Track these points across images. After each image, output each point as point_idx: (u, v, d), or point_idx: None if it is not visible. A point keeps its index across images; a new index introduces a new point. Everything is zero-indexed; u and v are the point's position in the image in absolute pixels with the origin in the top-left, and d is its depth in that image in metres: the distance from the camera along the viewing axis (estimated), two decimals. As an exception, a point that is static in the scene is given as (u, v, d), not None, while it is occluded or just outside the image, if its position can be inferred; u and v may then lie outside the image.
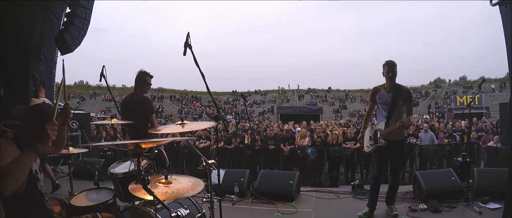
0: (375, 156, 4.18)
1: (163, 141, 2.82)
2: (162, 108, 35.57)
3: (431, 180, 4.77)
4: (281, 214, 4.46)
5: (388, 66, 3.95)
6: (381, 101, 4.06)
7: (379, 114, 4.15)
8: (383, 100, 4.05)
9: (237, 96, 39.97)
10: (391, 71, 3.94)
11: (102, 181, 4.58)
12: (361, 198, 5.10)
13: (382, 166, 4.20)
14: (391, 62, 3.97)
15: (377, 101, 4.10)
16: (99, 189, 3.21)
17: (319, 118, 25.81)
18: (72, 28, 7.83)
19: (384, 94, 4.05)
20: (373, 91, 4.15)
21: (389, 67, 3.95)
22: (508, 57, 5.56)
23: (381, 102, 4.07)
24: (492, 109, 26.72)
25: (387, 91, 4.03)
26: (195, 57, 2.64)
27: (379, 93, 4.08)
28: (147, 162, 2.88)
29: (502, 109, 7.29)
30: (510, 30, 5.23)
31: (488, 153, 6.96)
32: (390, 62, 3.97)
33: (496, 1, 5.43)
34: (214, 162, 2.69)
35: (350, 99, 40.52)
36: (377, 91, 4.10)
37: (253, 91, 44.88)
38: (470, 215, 4.09)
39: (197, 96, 41.87)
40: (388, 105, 4.01)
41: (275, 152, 7.93)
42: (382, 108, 4.07)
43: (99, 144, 6.69)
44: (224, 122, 3.39)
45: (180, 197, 2.29)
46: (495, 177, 4.63)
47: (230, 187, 5.21)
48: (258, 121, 24.68)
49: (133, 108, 4.14)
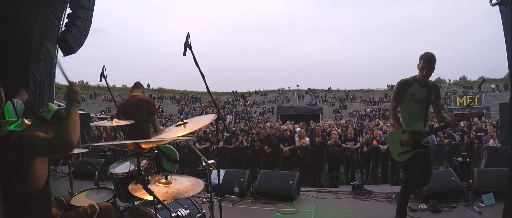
0: (409, 163, 3.51)
1: (163, 141, 2.81)
2: (162, 108, 35.57)
3: (431, 180, 4.75)
4: (281, 214, 4.46)
5: (429, 62, 3.35)
6: (414, 97, 3.45)
7: (407, 112, 3.52)
8: (417, 96, 3.45)
9: (237, 96, 39.99)
10: (432, 69, 3.38)
11: (102, 181, 4.58)
12: (361, 198, 5.10)
13: (418, 171, 3.55)
14: (433, 57, 3.38)
15: (408, 97, 3.46)
16: (99, 189, 3.21)
17: (319, 118, 25.79)
18: (74, 29, 7.84)
19: (418, 88, 3.44)
20: (405, 85, 3.48)
21: (430, 63, 3.36)
22: (508, 57, 5.56)
23: (413, 98, 3.45)
24: (492, 109, 26.72)
25: (421, 86, 3.45)
26: (195, 57, 2.64)
27: (412, 87, 3.44)
28: (147, 162, 2.88)
29: (502, 109, 7.28)
30: (510, 30, 5.24)
31: (488, 153, 6.96)
32: (432, 58, 3.37)
33: (496, 1, 5.44)
34: (214, 162, 2.69)
35: (350, 99, 40.53)
36: (409, 85, 3.46)
37: (253, 91, 44.90)
38: (470, 215, 4.10)
39: (197, 96, 41.88)
40: (422, 103, 3.45)
41: (275, 152, 7.92)
42: (414, 105, 3.47)
43: (99, 144, 6.69)
44: (224, 122, 3.39)
45: (180, 197, 2.29)
46: (495, 177, 4.63)
47: (230, 187, 5.21)
48: (258, 121, 24.70)
49: (135, 108, 4.15)
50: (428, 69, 3.35)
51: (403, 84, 3.49)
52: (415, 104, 3.46)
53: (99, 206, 2.37)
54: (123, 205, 3.04)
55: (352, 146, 7.82)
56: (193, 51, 2.61)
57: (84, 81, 46.32)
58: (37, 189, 1.87)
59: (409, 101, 3.46)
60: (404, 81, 3.50)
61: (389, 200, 4.88)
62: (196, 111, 35.52)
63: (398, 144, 3.49)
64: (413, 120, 3.47)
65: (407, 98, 3.46)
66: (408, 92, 3.45)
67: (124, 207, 2.93)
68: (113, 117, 3.68)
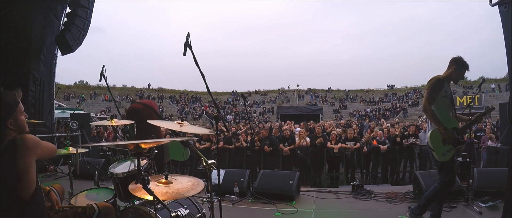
0: (452, 162, 3.44)
1: (163, 141, 2.82)
2: (162, 108, 35.59)
3: (431, 180, 4.76)
4: (281, 214, 4.46)
5: (464, 67, 3.49)
6: (447, 94, 3.47)
7: (441, 109, 3.44)
8: (448, 94, 3.48)
9: (237, 96, 39.99)
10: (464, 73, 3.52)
11: (102, 181, 4.58)
12: (361, 198, 5.10)
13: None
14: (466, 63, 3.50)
15: (442, 94, 3.44)
16: (99, 189, 3.21)
17: (319, 119, 25.81)
18: (73, 28, 7.85)
19: (448, 86, 3.50)
20: (441, 82, 3.44)
21: (464, 67, 3.50)
22: (507, 57, 5.56)
23: (447, 95, 3.46)
24: (492, 109, 26.69)
25: (449, 84, 3.53)
26: (195, 57, 2.64)
27: (445, 85, 3.46)
28: (147, 162, 2.88)
29: (502, 109, 7.28)
30: (509, 30, 5.23)
31: (488, 153, 6.96)
32: (465, 63, 3.50)
33: (496, 1, 5.43)
34: (214, 162, 2.69)
35: (350, 99, 40.53)
36: (443, 82, 3.46)
37: (253, 91, 44.90)
38: (470, 215, 4.10)
39: (197, 96, 41.88)
40: (450, 100, 3.50)
41: (275, 152, 7.92)
42: (446, 103, 3.47)
43: (99, 144, 6.69)
44: (224, 122, 3.40)
45: (180, 197, 2.28)
46: (495, 177, 4.63)
47: (230, 187, 5.21)
48: (258, 121, 24.70)
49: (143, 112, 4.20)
50: (464, 73, 3.51)
51: (440, 81, 3.44)
52: (446, 101, 3.45)
53: (98, 207, 2.36)
54: (123, 205, 3.04)
55: (352, 146, 7.82)
56: (193, 51, 2.61)
57: (84, 81, 46.40)
58: (31, 191, 1.83)
59: (442, 98, 3.43)
60: (440, 78, 3.47)
61: (389, 200, 4.88)
62: (197, 111, 35.55)
63: (441, 143, 3.35)
64: (448, 117, 3.44)
65: (441, 95, 3.42)
66: (443, 90, 3.43)
67: (124, 207, 2.93)
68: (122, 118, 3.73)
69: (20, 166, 1.77)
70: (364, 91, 42.93)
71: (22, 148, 1.79)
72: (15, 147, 1.78)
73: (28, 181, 1.80)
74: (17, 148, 1.78)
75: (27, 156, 1.80)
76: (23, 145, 1.79)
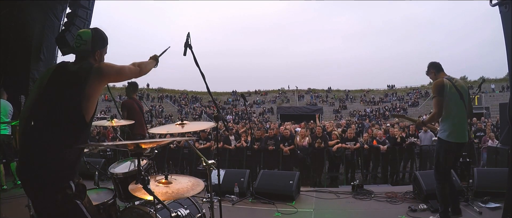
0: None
1: (164, 141, 2.82)
2: (162, 108, 35.57)
3: (431, 180, 4.74)
4: (281, 214, 4.46)
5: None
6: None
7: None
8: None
9: (237, 96, 39.96)
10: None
11: (102, 181, 4.57)
12: (361, 198, 5.10)
13: None
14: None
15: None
16: (99, 189, 3.21)
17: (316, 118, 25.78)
18: (73, 29, 7.85)
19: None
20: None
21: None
22: (508, 57, 5.55)
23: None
24: (492, 109, 26.72)
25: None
26: (195, 57, 2.64)
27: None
28: (147, 162, 2.88)
29: (502, 109, 7.28)
30: (510, 30, 5.23)
31: (488, 153, 6.96)
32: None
33: (496, 2, 5.43)
34: (214, 162, 2.69)
35: (350, 99, 40.49)
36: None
37: (253, 91, 44.86)
38: (470, 215, 4.10)
39: (197, 96, 41.86)
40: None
41: (275, 152, 7.92)
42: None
43: (99, 144, 6.67)
44: (224, 122, 3.40)
45: (180, 197, 2.29)
46: (495, 177, 4.63)
47: (230, 187, 5.21)
48: (258, 121, 24.69)
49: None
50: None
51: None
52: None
53: None
54: (123, 205, 3.04)
55: (352, 146, 7.82)
56: (193, 51, 2.61)
57: (84, 81, 46.23)
58: (91, 114, 2.01)
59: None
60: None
61: (389, 200, 4.88)
62: (196, 111, 35.52)
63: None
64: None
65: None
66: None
67: (124, 207, 2.93)
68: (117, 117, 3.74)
69: (91, 88, 1.97)
70: (364, 91, 42.90)
71: (97, 73, 2.01)
72: (91, 70, 2.00)
73: (93, 103, 2.00)
74: (92, 70, 1.99)
75: (99, 81, 2.02)
76: (98, 71, 2.02)
